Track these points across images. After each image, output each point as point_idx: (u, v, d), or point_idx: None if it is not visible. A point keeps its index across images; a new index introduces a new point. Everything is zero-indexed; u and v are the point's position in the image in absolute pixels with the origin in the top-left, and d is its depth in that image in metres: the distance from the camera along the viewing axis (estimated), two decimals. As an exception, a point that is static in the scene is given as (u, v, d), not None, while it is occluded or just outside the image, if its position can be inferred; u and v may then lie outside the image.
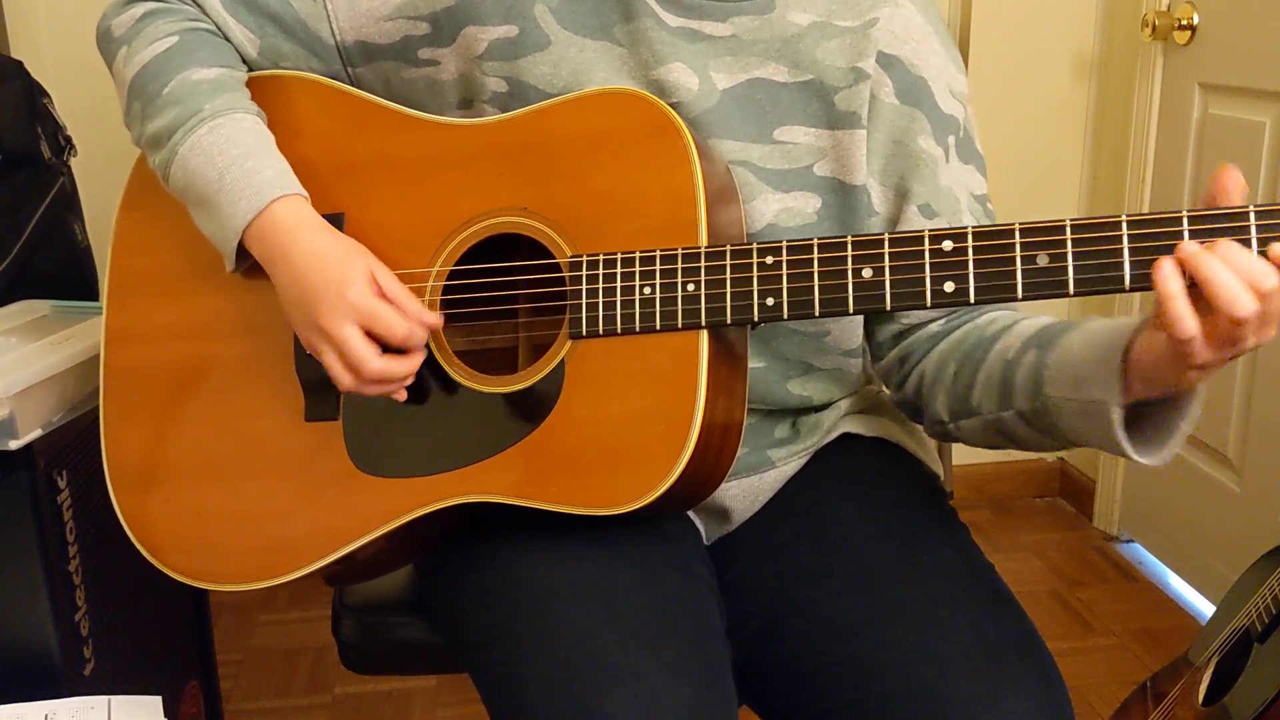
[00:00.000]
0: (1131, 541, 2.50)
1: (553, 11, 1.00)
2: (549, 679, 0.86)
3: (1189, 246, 0.76)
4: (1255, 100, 2.03)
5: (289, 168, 1.00)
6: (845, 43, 0.99)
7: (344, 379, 0.95)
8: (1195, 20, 2.15)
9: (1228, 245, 0.75)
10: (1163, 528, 2.39)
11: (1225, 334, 0.75)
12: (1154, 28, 2.20)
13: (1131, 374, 0.82)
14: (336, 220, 1.01)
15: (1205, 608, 2.21)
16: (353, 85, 1.07)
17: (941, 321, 1.03)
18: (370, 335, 0.94)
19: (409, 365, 0.96)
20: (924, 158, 1.00)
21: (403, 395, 0.97)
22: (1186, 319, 0.75)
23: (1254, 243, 0.77)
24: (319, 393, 1.01)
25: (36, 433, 1.21)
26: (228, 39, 1.06)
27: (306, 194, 1.00)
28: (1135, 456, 0.85)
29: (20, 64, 1.64)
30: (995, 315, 1.02)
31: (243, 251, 1.00)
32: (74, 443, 1.28)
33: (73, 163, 1.69)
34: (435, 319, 0.97)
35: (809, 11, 0.99)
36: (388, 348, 0.95)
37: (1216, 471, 2.20)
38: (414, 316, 0.95)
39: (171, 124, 1.00)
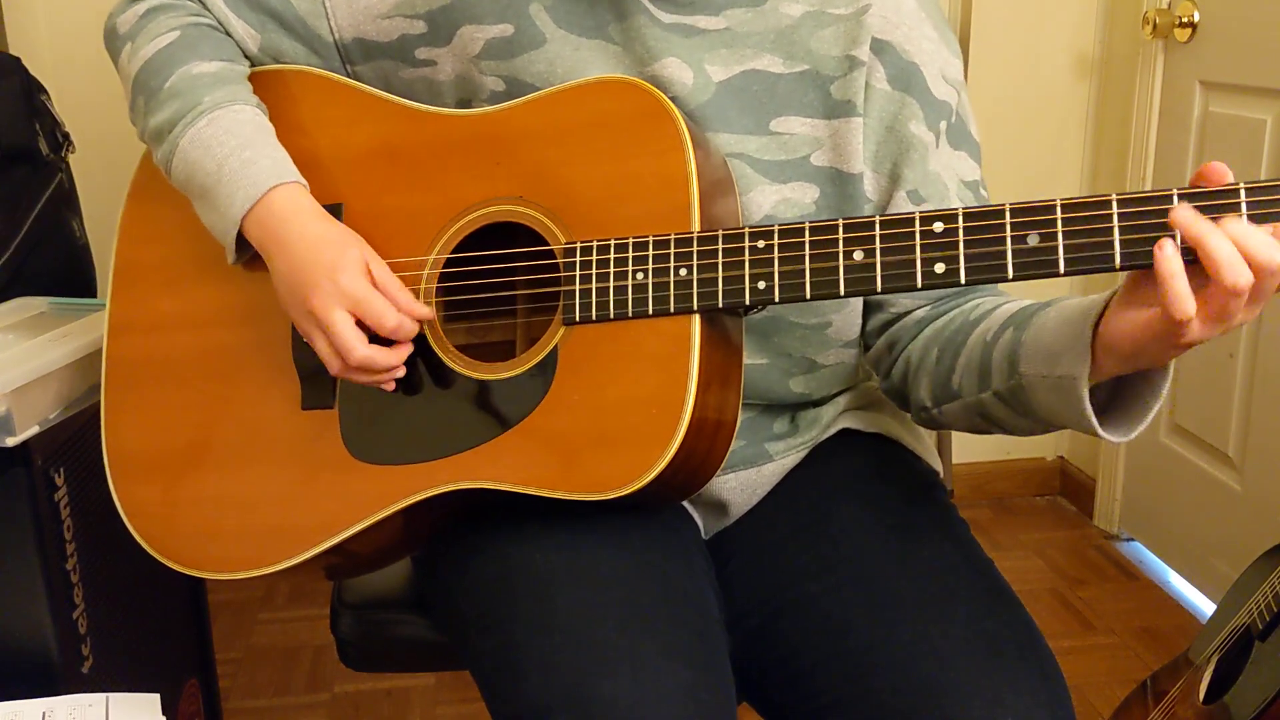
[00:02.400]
0: (1132, 540, 2.50)
1: (548, 10, 1.00)
2: (546, 663, 0.86)
3: (1184, 212, 0.75)
4: (1256, 98, 2.03)
5: (288, 157, 1.01)
6: (839, 31, 0.99)
7: (332, 363, 0.96)
8: (1196, 18, 2.15)
9: (1231, 221, 0.75)
10: (1163, 526, 2.39)
11: (1219, 309, 0.75)
12: (1155, 25, 2.20)
13: (1103, 352, 0.82)
14: (335, 210, 1.02)
15: (1206, 606, 2.21)
16: None
17: (927, 308, 1.03)
18: (360, 323, 0.95)
19: (395, 357, 0.96)
20: (915, 143, 1.00)
21: (391, 385, 0.98)
22: (1186, 299, 0.75)
23: (1244, 220, 0.77)
24: (315, 381, 1.01)
25: (34, 430, 1.21)
26: (229, 35, 1.07)
27: (305, 182, 1.00)
28: (1101, 432, 0.85)
29: (18, 60, 1.64)
30: (979, 300, 1.02)
31: (243, 243, 1.01)
32: (71, 440, 1.28)
33: (71, 159, 1.68)
34: (427, 312, 0.97)
35: (801, 2, 1.00)
36: (376, 338, 0.95)
37: (1217, 470, 2.19)
38: (405, 308, 0.96)
39: (172, 117, 1.01)
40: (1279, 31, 1.96)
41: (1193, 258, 0.76)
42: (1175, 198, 0.78)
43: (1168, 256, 0.76)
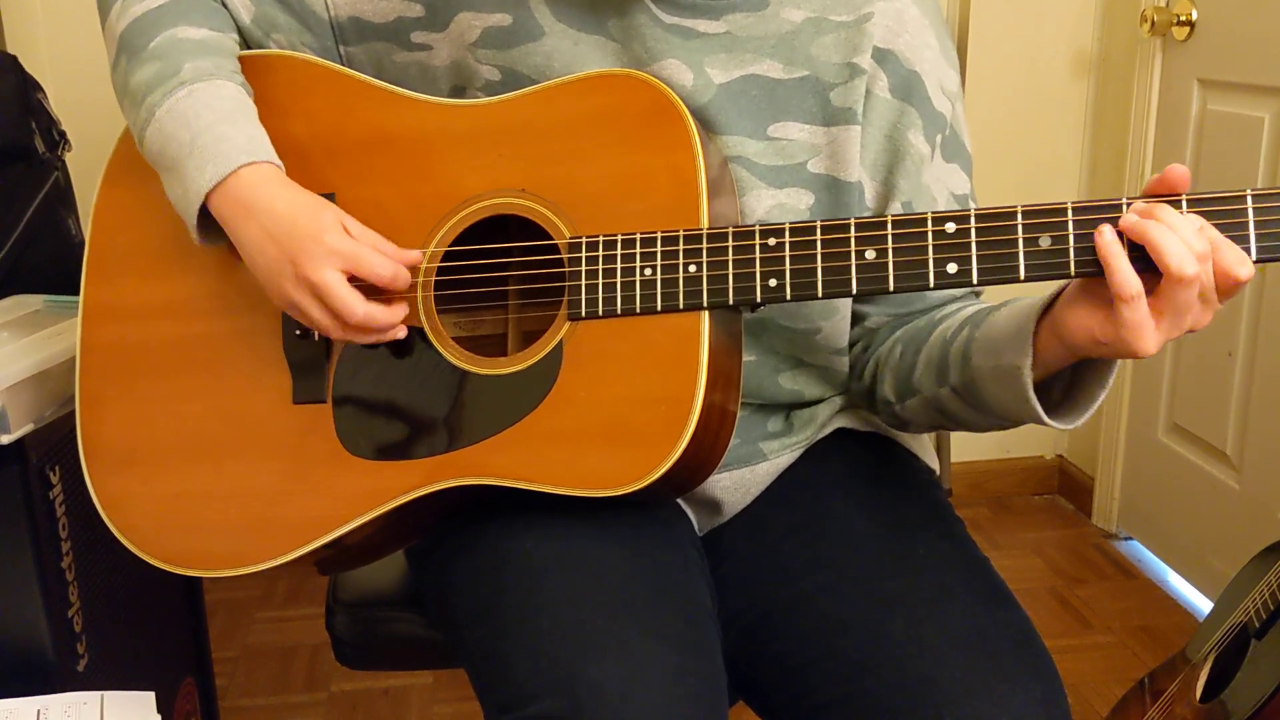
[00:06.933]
0: (1130, 539, 2.50)
1: (547, 3, 1.00)
2: (534, 650, 0.86)
3: (1130, 216, 0.80)
4: (1254, 96, 2.03)
5: (266, 137, 0.98)
6: (840, 38, 0.99)
7: (331, 329, 0.94)
8: (1194, 16, 2.15)
9: (1167, 210, 0.79)
10: (1161, 525, 2.39)
11: (1171, 303, 0.78)
12: (1153, 24, 2.20)
13: (1054, 343, 0.85)
14: (327, 200, 1.00)
15: (1203, 605, 2.21)
16: (344, 65, 1.06)
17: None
18: (353, 281, 0.93)
19: (396, 314, 0.95)
20: (912, 153, 1.00)
21: (403, 333, 0.96)
22: (1130, 275, 0.78)
23: (1250, 226, 0.79)
24: (307, 374, 1.00)
25: (29, 427, 1.21)
26: (224, 4, 1.05)
27: (280, 164, 0.97)
28: (1045, 418, 0.88)
29: (14, 58, 1.63)
30: (944, 301, 1.04)
31: (208, 224, 0.97)
32: (66, 438, 1.27)
33: (67, 157, 1.68)
34: (416, 256, 0.96)
35: (803, 8, 0.99)
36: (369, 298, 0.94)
37: (1215, 468, 2.19)
38: (396, 257, 0.95)
39: (151, 80, 0.98)
40: (1277, 30, 1.96)
41: (1143, 266, 0.79)
42: (1184, 202, 0.80)
43: (1107, 241, 0.80)
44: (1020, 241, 0.83)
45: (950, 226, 0.85)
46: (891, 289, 0.86)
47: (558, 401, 0.92)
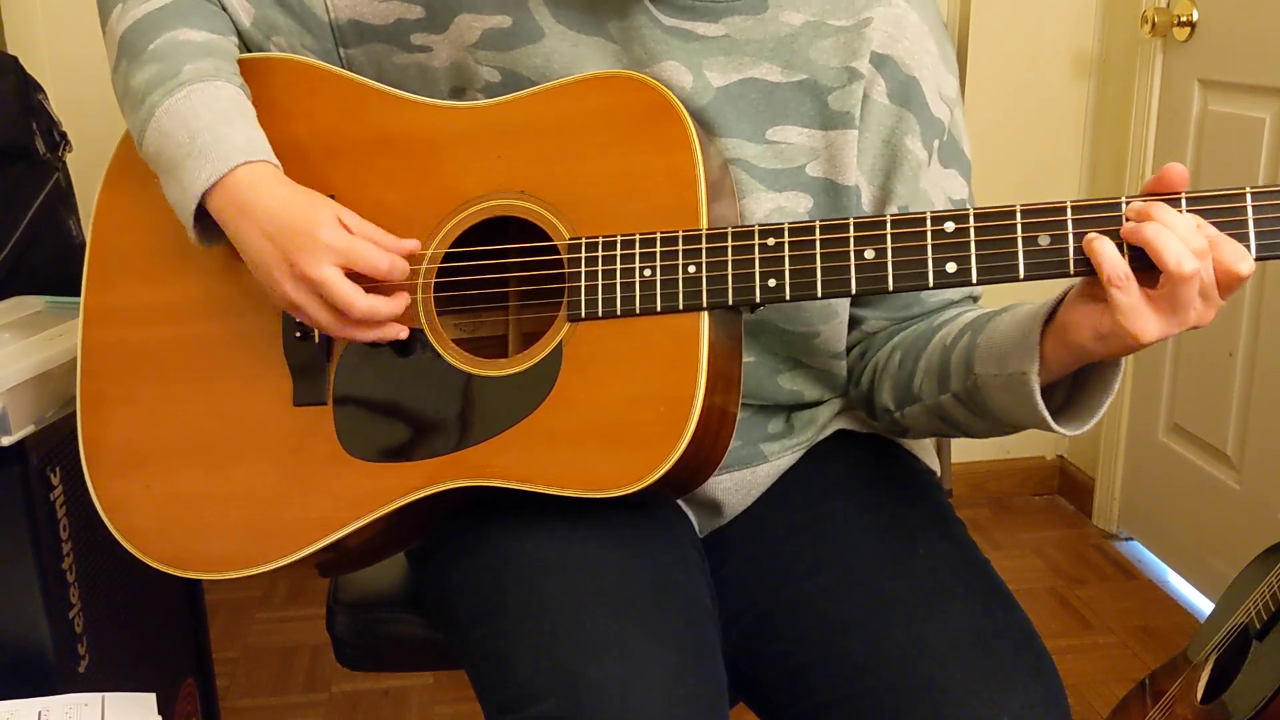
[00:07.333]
0: (1130, 539, 2.50)
1: (547, 4, 1.00)
2: (535, 650, 0.86)
3: (1128, 223, 0.80)
4: (1254, 96, 2.03)
5: (265, 139, 0.98)
6: (839, 42, 0.99)
7: (333, 326, 0.94)
8: (1194, 17, 2.15)
9: (1163, 209, 0.79)
10: (1162, 525, 2.39)
11: (1172, 299, 0.79)
12: (1153, 24, 2.20)
13: (1058, 347, 0.85)
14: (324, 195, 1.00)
15: (1204, 605, 2.21)
16: (345, 68, 1.06)
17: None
18: (351, 275, 0.93)
19: (397, 304, 0.95)
20: (909, 159, 1.00)
21: (404, 334, 0.96)
22: (1119, 262, 0.79)
23: (1250, 224, 0.79)
24: (308, 377, 1.01)
25: (29, 429, 1.21)
26: (224, 7, 1.05)
27: (278, 164, 0.97)
28: (1054, 425, 0.88)
29: (15, 59, 1.64)
30: (943, 307, 1.04)
31: (206, 224, 0.97)
32: (67, 439, 1.27)
33: (67, 158, 1.68)
34: (414, 244, 0.96)
35: (803, 11, 0.99)
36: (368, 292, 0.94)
37: (1215, 469, 2.19)
38: (393, 248, 0.95)
39: (151, 81, 0.98)
40: (1277, 30, 1.96)
41: (1143, 265, 0.79)
42: (1183, 200, 0.80)
43: (1092, 242, 0.80)
44: (1019, 240, 0.83)
45: (949, 226, 0.85)
46: (891, 289, 0.86)
47: (558, 402, 0.92)
